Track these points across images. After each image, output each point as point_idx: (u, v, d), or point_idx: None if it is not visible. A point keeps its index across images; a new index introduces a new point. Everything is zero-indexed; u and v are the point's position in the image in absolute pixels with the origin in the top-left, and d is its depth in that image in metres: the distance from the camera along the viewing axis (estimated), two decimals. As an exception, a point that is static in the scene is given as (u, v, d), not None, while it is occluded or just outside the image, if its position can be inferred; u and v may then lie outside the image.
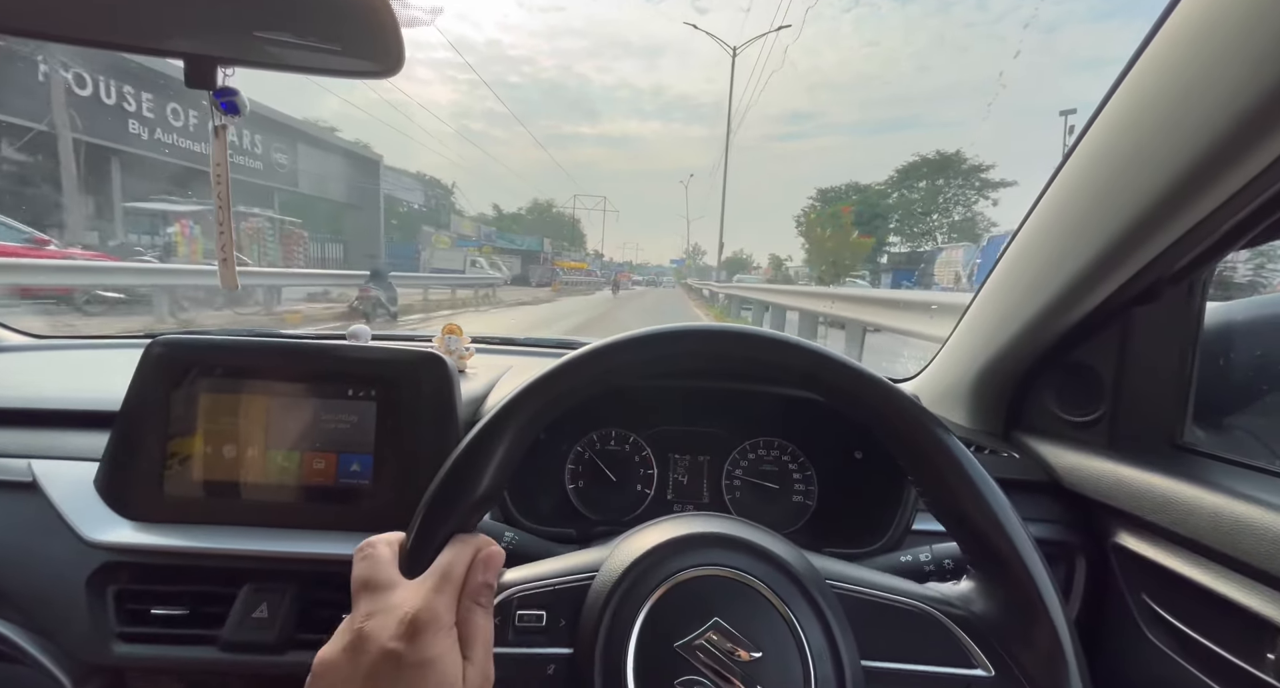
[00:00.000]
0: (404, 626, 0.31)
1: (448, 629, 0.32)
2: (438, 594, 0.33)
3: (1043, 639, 0.36)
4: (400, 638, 0.30)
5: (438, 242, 27.96)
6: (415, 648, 0.30)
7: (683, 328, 0.42)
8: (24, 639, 0.60)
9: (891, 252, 35.62)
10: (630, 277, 68.40)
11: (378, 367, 0.65)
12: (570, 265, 49.90)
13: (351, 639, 0.31)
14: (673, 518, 0.44)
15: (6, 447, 0.70)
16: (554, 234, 67.12)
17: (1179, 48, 0.46)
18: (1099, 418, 0.66)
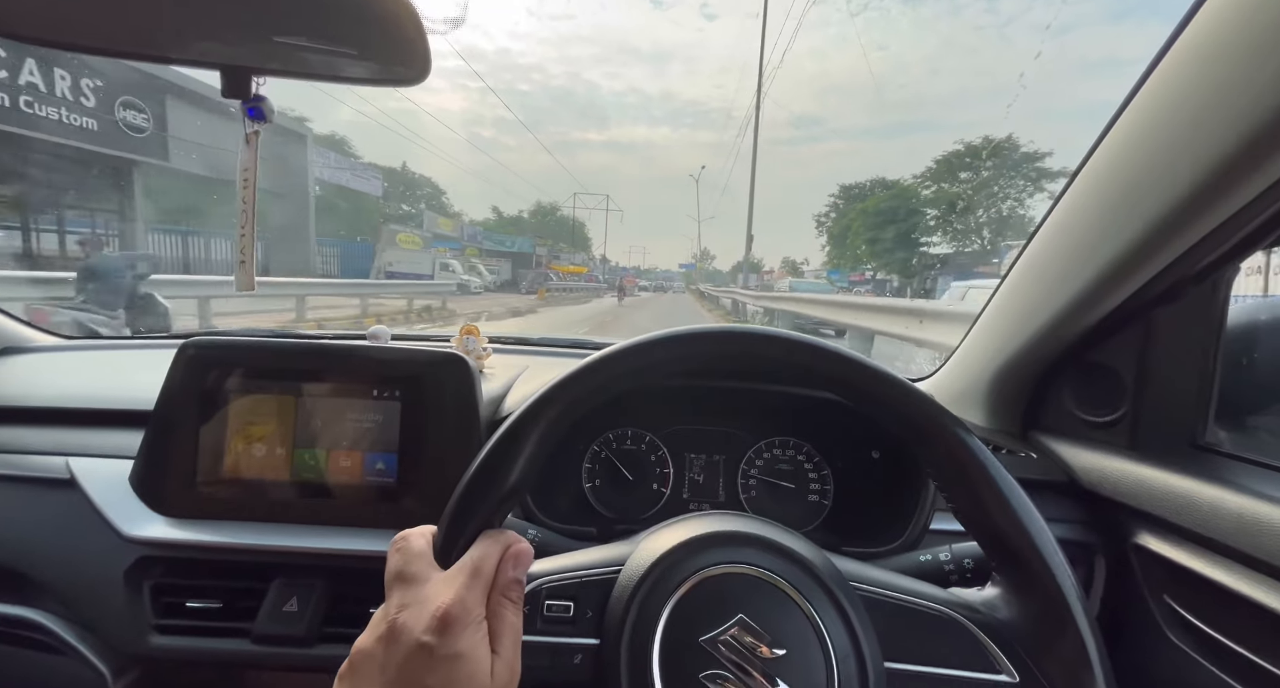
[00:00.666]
0: (436, 619, 0.32)
1: (478, 623, 0.33)
2: (469, 589, 0.33)
3: (1068, 648, 0.36)
4: (432, 631, 0.31)
5: (403, 241, 23.22)
6: (446, 641, 0.31)
7: (710, 329, 0.43)
8: (65, 631, 0.62)
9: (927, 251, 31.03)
10: (636, 281, 63.95)
11: (402, 367, 0.67)
12: (567, 269, 45.90)
13: (386, 630, 0.32)
14: (697, 516, 0.45)
15: (45, 445, 0.73)
16: (557, 237, 64.00)
17: (1206, 46, 0.46)
18: (1119, 418, 0.66)
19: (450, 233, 32.75)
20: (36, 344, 1.07)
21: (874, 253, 30.25)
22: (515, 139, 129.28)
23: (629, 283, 39.55)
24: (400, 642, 0.31)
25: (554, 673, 0.38)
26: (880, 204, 31.33)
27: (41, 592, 0.64)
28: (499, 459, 0.39)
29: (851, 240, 32.46)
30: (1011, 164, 29.41)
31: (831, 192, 41.78)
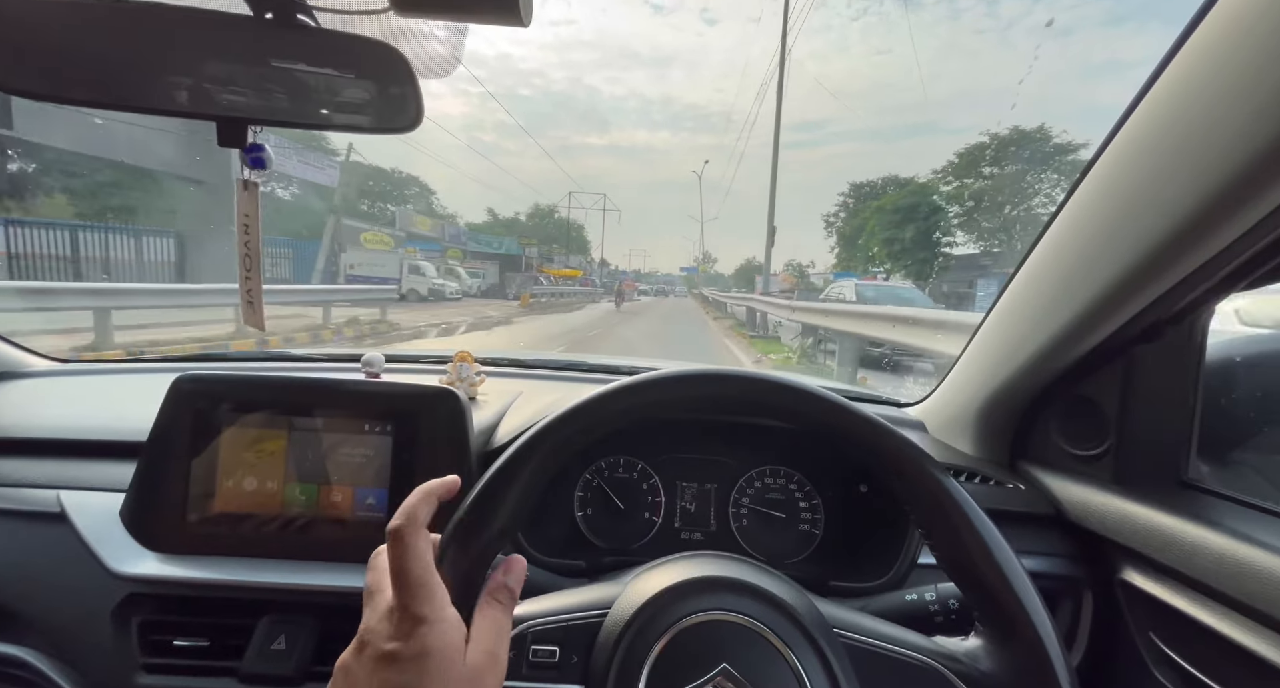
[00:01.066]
0: (395, 626, 0.33)
1: (436, 620, 0.33)
2: (410, 595, 0.34)
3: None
4: (394, 638, 0.33)
5: (369, 241, 20.74)
6: (410, 645, 0.32)
7: (702, 372, 0.44)
8: (51, 669, 0.61)
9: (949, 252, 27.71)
10: (636, 286, 62.07)
11: (392, 401, 0.67)
12: (560, 273, 43.18)
13: (357, 643, 0.34)
14: (684, 558, 0.45)
15: (37, 477, 0.73)
16: (553, 240, 61.40)
17: (1181, 93, 0.47)
18: (1104, 452, 0.66)
19: (429, 233, 29.77)
20: (32, 369, 1.07)
21: (891, 254, 27.28)
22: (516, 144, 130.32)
23: (628, 287, 36.07)
24: (369, 655, 0.33)
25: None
26: (898, 201, 28.05)
27: (28, 629, 0.64)
28: (488, 501, 0.40)
29: (866, 241, 29.83)
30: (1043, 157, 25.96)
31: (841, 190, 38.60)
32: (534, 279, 32.39)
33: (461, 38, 0.54)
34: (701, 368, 0.45)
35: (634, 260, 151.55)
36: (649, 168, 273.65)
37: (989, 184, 27.97)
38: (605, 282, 56.03)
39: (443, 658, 0.33)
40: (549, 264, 47.98)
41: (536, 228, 62.17)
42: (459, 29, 0.54)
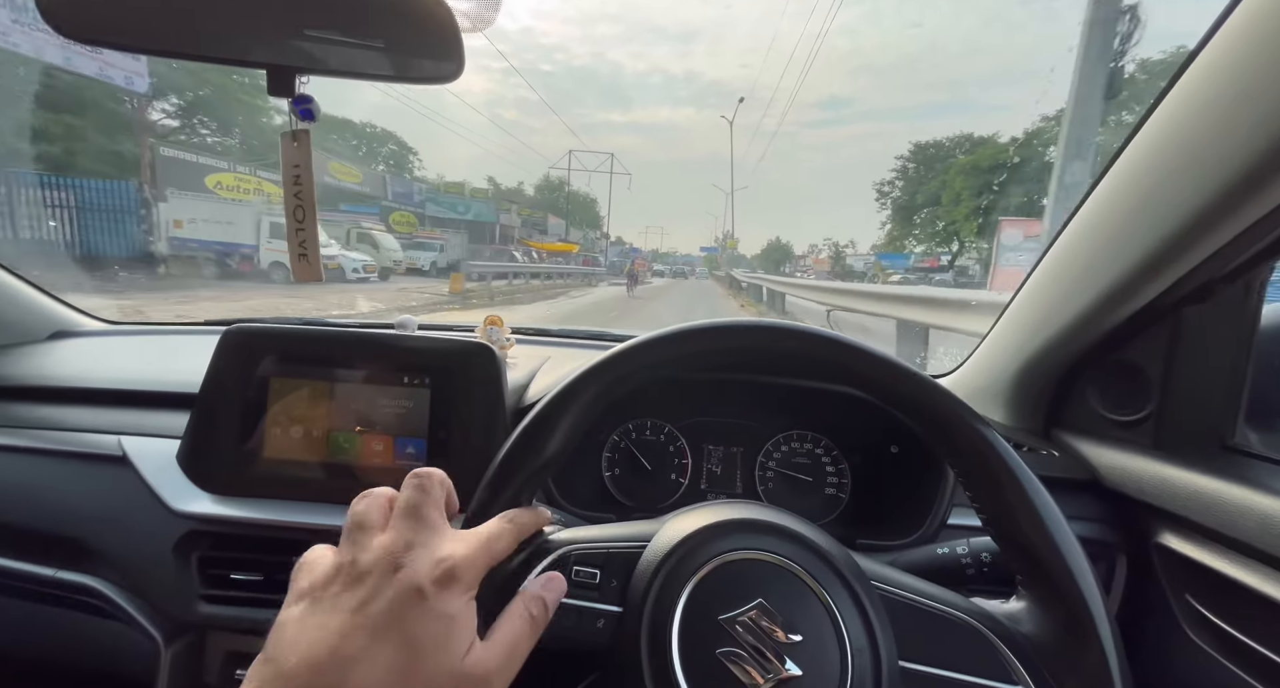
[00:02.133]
0: (439, 572, 0.31)
1: (470, 595, 0.32)
2: (478, 556, 0.34)
3: (1091, 668, 0.36)
4: (433, 582, 0.31)
5: (223, 185, 13.93)
6: (441, 598, 0.31)
7: (746, 322, 0.45)
8: (121, 597, 0.66)
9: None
10: (649, 265, 53.87)
11: (432, 356, 0.69)
12: (551, 247, 34.33)
13: (391, 551, 0.31)
14: (724, 502, 0.46)
15: (98, 424, 0.77)
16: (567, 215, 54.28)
17: (1243, 41, 0.45)
18: (1145, 417, 0.65)
19: (360, 186, 21.03)
20: (85, 328, 1.12)
21: (985, 226, 22.04)
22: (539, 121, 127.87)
23: (640, 267, 28.61)
24: (400, 579, 0.30)
25: (577, 634, 0.39)
26: (996, 157, 21.73)
27: (100, 560, 0.68)
28: (541, 428, 0.42)
29: (949, 210, 24.11)
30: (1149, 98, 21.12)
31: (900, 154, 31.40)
32: (506, 254, 24.78)
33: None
34: (752, 319, 0.46)
35: (650, 238, 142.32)
36: (671, 146, 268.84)
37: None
38: (615, 261, 47.46)
39: (458, 631, 0.31)
40: (538, 236, 39.12)
41: (543, 201, 54.84)
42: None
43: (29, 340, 1.03)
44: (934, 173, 28.40)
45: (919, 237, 29.85)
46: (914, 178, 31.22)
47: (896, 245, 32.23)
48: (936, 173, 28.03)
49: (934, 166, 29.34)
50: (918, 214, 29.38)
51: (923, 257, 31.01)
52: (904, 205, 31.34)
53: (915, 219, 29.63)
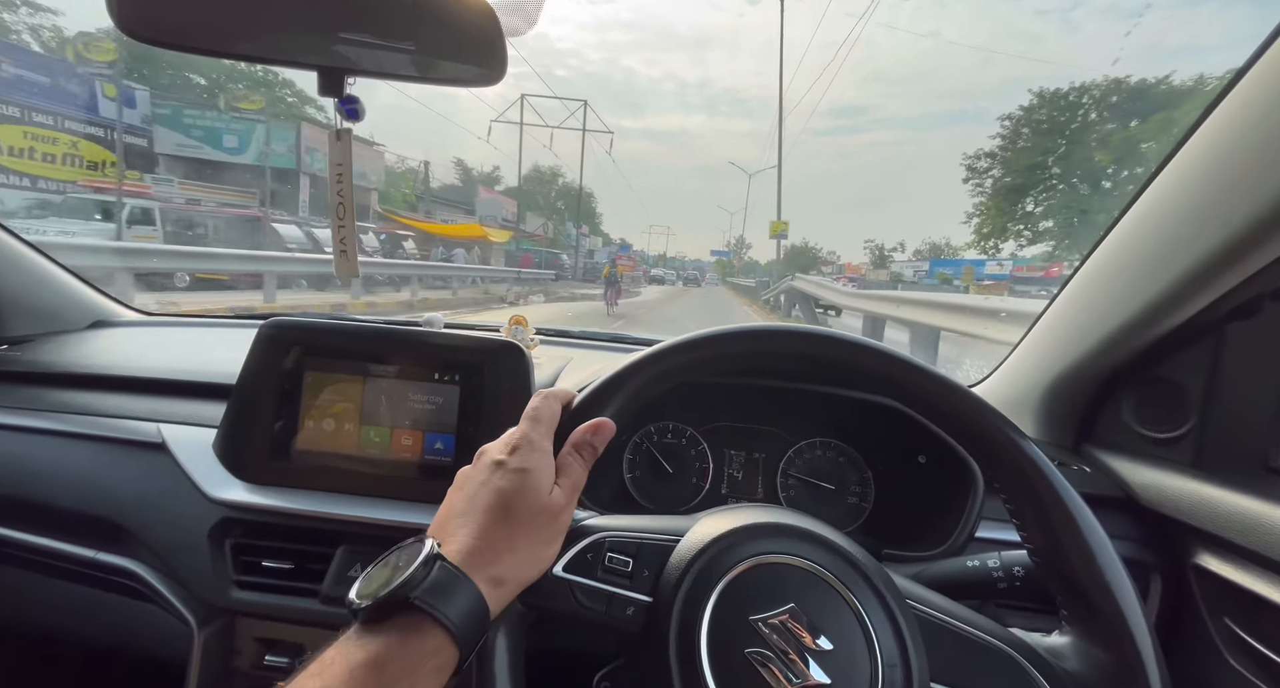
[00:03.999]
0: (507, 445, 0.42)
1: (541, 452, 0.41)
2: (531, 427, 0.43)
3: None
4: (503, 452, 0.41)
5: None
6: (514, 459, 0.40)
7: (775, 326, 0.46)
8: (157, 580, 0.68)
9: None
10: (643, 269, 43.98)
11: (462, 353, 0.70)
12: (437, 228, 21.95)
13: (476, 455, 0.43)
14: (759, 506, 0.46)
15: (138, 411, 0.80)
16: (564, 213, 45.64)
17: None
18: (1183, 435, 0.64)
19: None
20: (123, 319, 1.16)
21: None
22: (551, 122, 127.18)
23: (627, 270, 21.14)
24: (484, 462, 0.41)
25: (608, 619, 0.40)
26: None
27: (138, 543, 0.70)
28: (595, 404, 0.45)
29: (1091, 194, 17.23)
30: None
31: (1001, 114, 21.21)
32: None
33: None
34: (787, 325, 0.47)
35: (655, 240, 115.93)
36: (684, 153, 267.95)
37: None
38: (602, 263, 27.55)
39: (537, 479, 0.40)
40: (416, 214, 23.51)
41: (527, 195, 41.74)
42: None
43: (70, 329, 1.07)
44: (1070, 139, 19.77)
45: (1028, 232, 21.58)
46: (1019, 148, 21.10)
47: (986, 245, 23.64)
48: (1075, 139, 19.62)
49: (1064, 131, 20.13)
50: (1027, 198, 21.12)
51: (1036, 261, 23.28)
52: (1013, 187, 21.64)
53: (1027, 206, 21.27)
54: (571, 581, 0.40)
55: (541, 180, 50.37)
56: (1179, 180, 0.56)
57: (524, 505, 0.39)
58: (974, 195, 23.95)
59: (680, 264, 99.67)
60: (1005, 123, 22.52)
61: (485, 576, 0.36)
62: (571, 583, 0.40)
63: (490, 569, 0.36)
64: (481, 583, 0.35)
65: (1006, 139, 22.63)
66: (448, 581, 0.34)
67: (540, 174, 50.55)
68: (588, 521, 0.43)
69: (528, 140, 34.82)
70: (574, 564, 0.41)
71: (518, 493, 0.39)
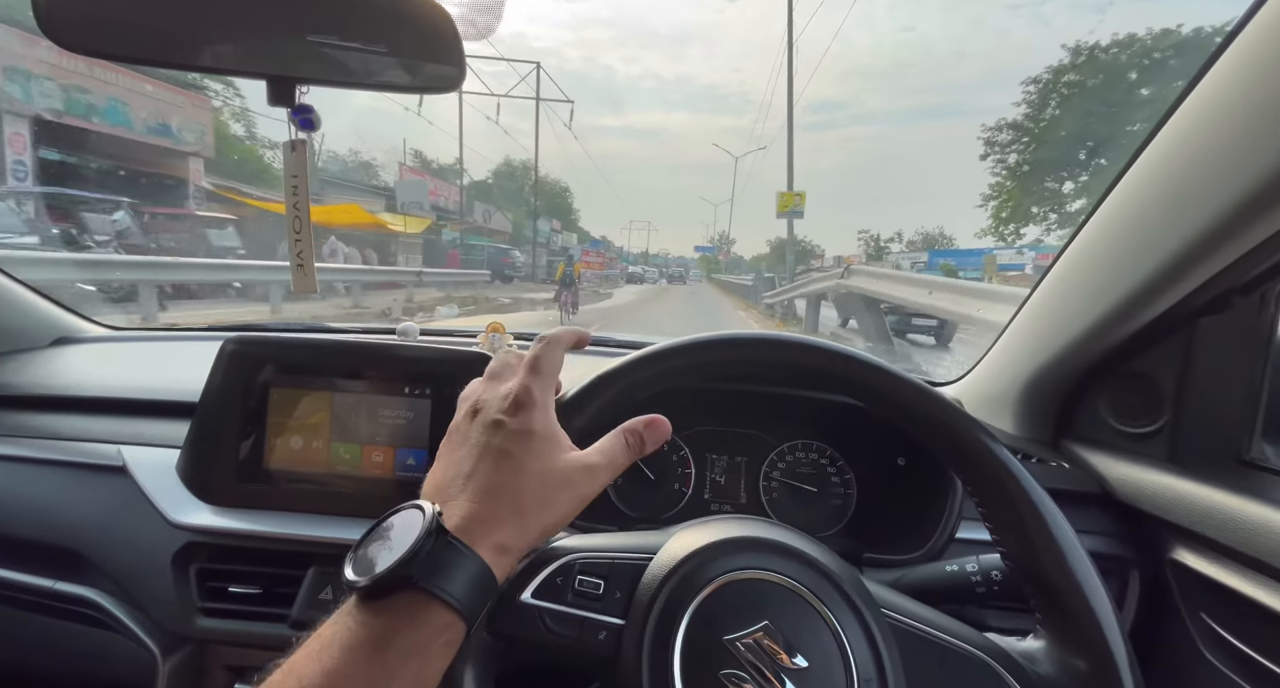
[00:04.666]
0: (507, 403, 0.38)
1: (543, 408, 0.39)
2: (531, 379, 0.40)
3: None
4: (504, 411, 0.38)
5: None
6: (517, 420, 0.38)
7: (759, 335, 0.46)
8: (118, 609, 0.65)
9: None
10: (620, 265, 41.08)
11: (432, 366, 0.68)
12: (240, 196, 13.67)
13: (469, 410, 0.40)
14: (734, 518, 0.45)
15: (99, 433, 0.77)
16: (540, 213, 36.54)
17: (1265, 48, 0.44)
18: (1158, 430, 0.64)
19: None
20: (88, 334, 1.12)
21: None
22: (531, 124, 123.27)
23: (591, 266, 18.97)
24: (481, 419, 0.38)
25: (580, 644, 0.38)
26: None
27: (97, 571, 0.68)
28: (579, 399, 0.43)
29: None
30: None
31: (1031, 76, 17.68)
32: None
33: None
34: (760, 333, 0.46)
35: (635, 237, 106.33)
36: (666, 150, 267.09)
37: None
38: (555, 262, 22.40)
39: (545, 440, 0.38)
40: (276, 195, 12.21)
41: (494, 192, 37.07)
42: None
43: (31, 347, 1.03)
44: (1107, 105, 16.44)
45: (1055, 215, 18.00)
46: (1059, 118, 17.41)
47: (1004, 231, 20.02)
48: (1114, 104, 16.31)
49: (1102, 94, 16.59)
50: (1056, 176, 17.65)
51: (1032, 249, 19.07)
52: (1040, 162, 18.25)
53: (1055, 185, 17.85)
54: (541, 607, 0.39)
55: (513, 175, 44.63)
56: (1149, 177, 0.56)
57: (533, 470, 0.37)
58: (993, 173, 19.99)
59: (663, 261, 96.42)
60: (1030, 88, 18.11)
61: (489, 544, 0.34)
62: (541, 610, 0.39)
63: (494, 537, 0.34)
64: (485, 553, 0.33)
65: (1033, 108, 18.58)
66: (450, 555, 0.32)
67: (512, 168, 45.00)
68: (557, 541, 0.42)
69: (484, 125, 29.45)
70: (543, 589, 0.39)
71: (528, 455, 0.37)
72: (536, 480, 0.36)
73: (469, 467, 0.36)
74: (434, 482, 0.38)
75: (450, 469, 0.37)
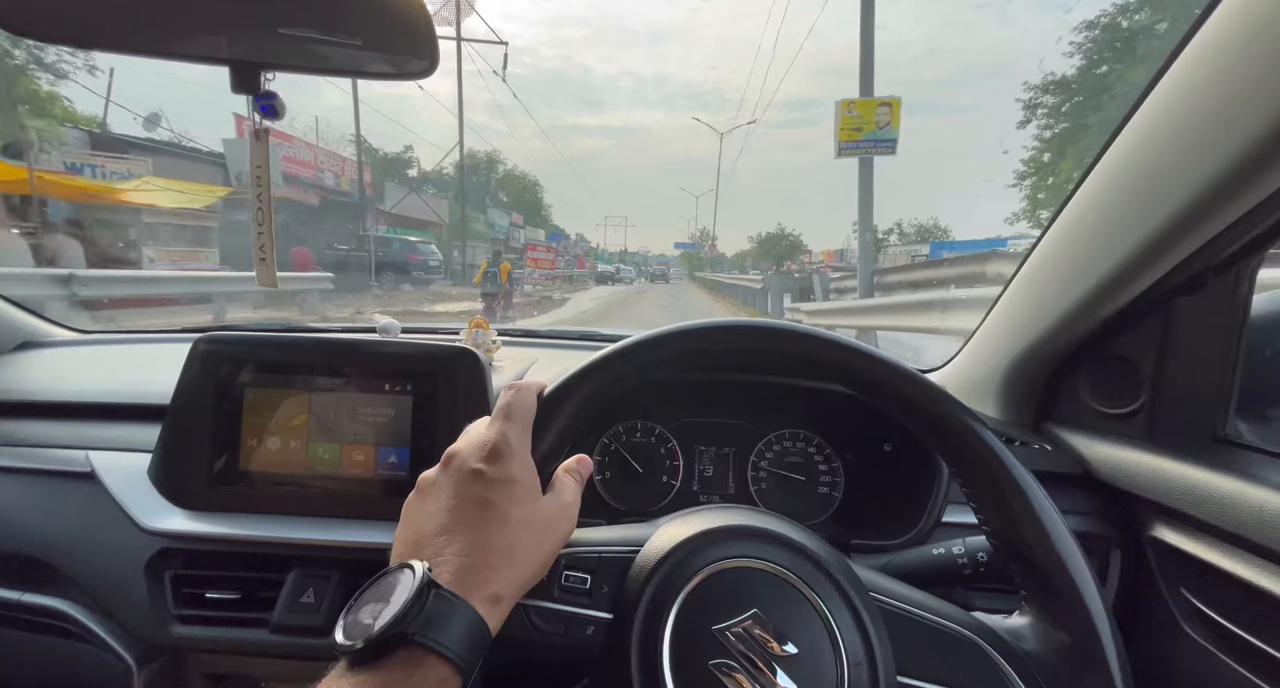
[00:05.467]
0: (485, 450, 0.38)
1: (521, 455, 0.38)
2: (507, 426, 0.39)
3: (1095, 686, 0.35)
4: (483, 460, 0.37)
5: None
6: (496, 468, 0.37)
7: (724, 323, 0.44)
8: (90, 620, 0.63)
9: None
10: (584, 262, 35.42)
11: (414, 362, 0.67)
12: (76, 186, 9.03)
13: (444, 460, 0.39)
14: (719, 507, 0.45)
15: (65, 438, 0.74)
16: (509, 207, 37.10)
17: (1238, 26, 0.44)
18: (1136, 410, 0.65)
19: None
20: (54, 338, 1.08)
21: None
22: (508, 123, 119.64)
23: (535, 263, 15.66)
24: (458, 468, 0.38)
25: (567, 641, 0.38)
26: None
27: (67, 582, 0.65)
28: (536, 426, 0.41)
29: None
30: None
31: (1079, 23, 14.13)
32: None
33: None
34: (737, 320, 0.45)
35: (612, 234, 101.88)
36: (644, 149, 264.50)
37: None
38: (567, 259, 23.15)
39: (525, 487, 0.38)
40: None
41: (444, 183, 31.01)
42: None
43: None
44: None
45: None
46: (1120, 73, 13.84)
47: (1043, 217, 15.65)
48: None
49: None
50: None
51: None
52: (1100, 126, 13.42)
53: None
54: (527, 605, 0.38)
55: (476, 167, 38.70)
56: (1125, 159, 0.57)
57: (519, 517, 0.36)
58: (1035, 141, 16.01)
59: (642, 259, 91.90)
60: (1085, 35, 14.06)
61: (483, 596, 0.33)
62: (527, 607, 0.38)
63: (487, 588, 0.34)
64: (479, 604, 0.33)
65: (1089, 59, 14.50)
66: (445, 609, 0.32)
67: (474, 160, 38.38)
68: None
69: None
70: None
71: (511, 503, 0.36)
72: (523, 527, 0.36)
73: (449, 519, 0.36)
74: (408, 539, 0.36)
75: (428, 524, 0.36)
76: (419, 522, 0.37)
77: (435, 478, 0.38)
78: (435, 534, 0.35)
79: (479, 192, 37.09)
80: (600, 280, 34.87)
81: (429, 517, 0.36)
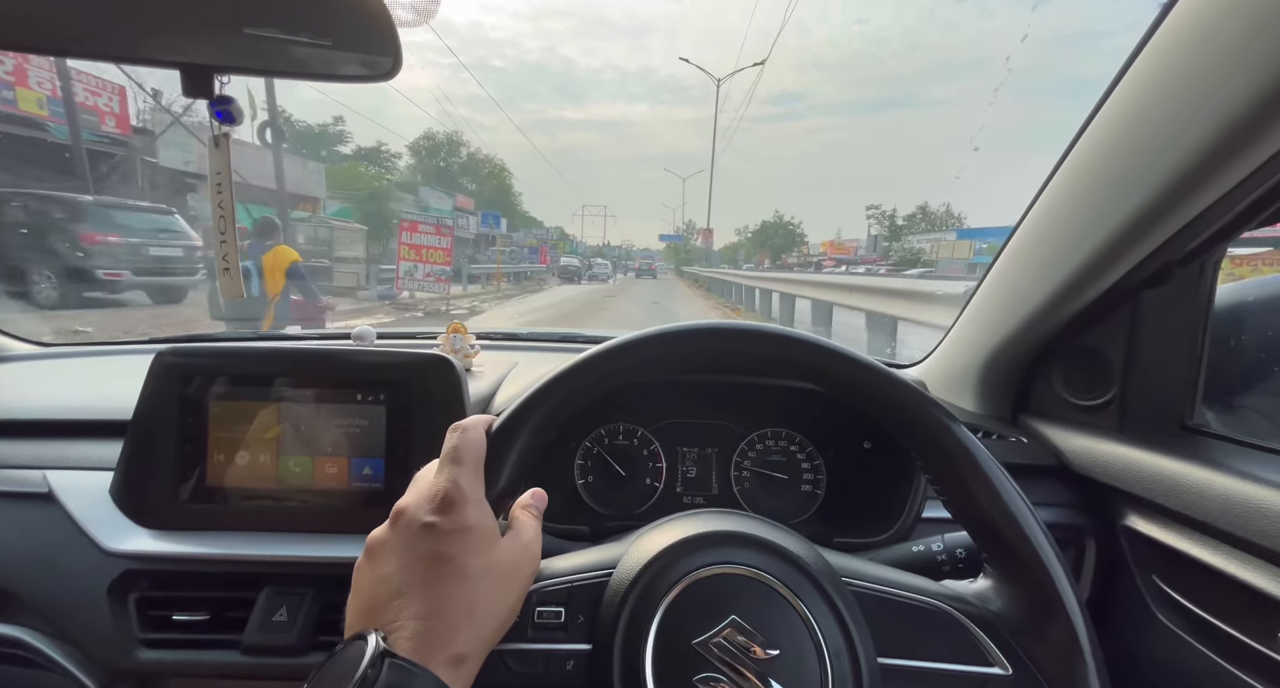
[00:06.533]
0: (435, 501, 0.35)
1: (475, 501, 0.36)
2: (456, 472, 0.37)
3: (1059, 634, 0.37)
4: (433, 512, 0.35)
5: None
6: (448, 519, 0.35)
7: (691, 326, 0.43)
8: (50, 648, 0.60)
9: None
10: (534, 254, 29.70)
11: (385, 371, 0.65)
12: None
13: (392, 517, 0.36)
14: (688, 516, 0.44)
15: (21, 458, 0.71)
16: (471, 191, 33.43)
17: (1194, 27, 0.45)
18: (1108, 401, 0.66)
19: None
20: (12, 353, 1.04)
21: None
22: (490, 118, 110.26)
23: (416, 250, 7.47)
24: (407, 525, 0.35)
25: (547, 680, 0.37)
26: None
27: (24, 609, 0.63)
28: (489, 463, 0.39)
29: None
30: None
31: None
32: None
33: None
34: (703, 322, 0.44)
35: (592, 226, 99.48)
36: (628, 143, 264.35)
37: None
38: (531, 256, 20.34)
39: (481, 535, 0.35)
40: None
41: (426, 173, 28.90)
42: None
43: None
44: None
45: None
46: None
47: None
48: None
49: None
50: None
51: None
52: None
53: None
54: (501, 649, 0.37)
55: (436, 150, 33.86)
56: (1092, 156, 0.57)
57: (478, 567, 0.34)
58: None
59: (625, 253, 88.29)
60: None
61: (443, 658, 0.32)
62: (501, 652, 0.37)
63: (448, 650, 0.32)
64: (440, 669, 0.31)
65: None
66: (401, 679, 0.30)
67: (432, 142, 33.94)
68: None
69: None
70: None
71: (468, 554, 0.34)
72: (484, 577, 0.35)
73: (402, 581, 0.33)
74: (360, 608, 0.34)
75: (380, 589, 0.34)
76: (371, 587, 0.34)
77: (384, 538, 0.36)
78: (389, 599, 0.33)
79: (436, 177, 32.86)
80: (564, 278, 27.22)
81: (381, 581, 0.34)
